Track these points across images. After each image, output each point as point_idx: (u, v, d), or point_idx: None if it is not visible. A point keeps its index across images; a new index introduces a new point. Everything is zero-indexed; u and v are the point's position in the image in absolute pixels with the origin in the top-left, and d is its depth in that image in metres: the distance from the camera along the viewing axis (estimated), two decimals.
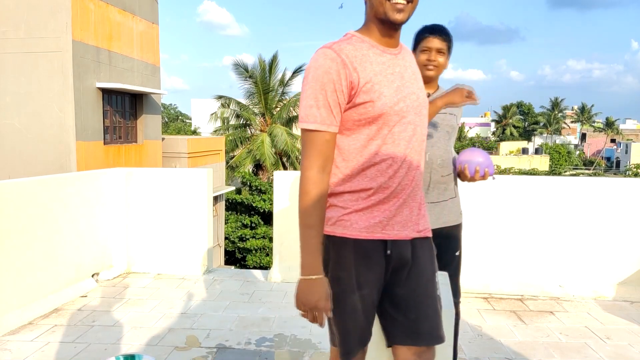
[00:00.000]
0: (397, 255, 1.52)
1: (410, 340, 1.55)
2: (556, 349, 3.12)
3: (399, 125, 1.47)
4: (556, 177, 4.40)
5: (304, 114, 1.41)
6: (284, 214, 4.44)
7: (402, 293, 1.54)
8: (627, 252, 4.09)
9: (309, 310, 1.42)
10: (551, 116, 65.40)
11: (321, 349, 3.06)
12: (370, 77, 1.41)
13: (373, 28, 1.48)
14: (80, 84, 10.49)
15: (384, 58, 1.47)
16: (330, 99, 1.38)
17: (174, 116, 57.32)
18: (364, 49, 1.44)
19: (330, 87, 1.38)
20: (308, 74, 1.41)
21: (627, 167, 45.52)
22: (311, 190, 1.41)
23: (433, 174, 2.24)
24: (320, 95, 1.38)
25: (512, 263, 4.17)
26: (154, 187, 4.69)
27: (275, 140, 20.65)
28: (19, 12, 10.12)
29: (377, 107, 1.41)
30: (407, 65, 1.53)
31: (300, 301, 1.42)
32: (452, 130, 2.33)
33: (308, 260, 1.42)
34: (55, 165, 10.23)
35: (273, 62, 22.04)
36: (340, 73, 1.38)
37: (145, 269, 4.70)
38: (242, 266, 17.33)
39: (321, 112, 1.39)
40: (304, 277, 1.41)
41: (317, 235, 1.42)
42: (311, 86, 1.39)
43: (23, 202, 3.56)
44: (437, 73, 2.26)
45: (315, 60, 1.40)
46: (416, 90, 1.53)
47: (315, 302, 1.40)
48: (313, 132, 1.41)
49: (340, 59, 1.38)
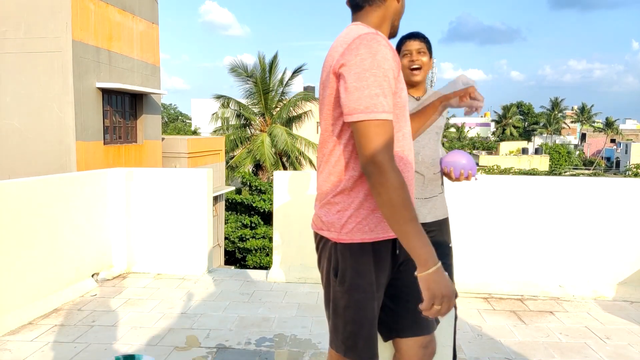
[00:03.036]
0: (402, 252, 1.51)
1: (412, 332, 1.55)
2: (556, 349, 3.12)
3: (403, 119, 1.45)
4: (556, 177, 4.40)
5: (369, 103, 1.29)
6: (283, 214, 4.44)
7: (400, 285, 1.53)
8: (627, 252, 4.09)
9: (447, 300, 1.30)
10: (551, 116, 65.40)
11: (321, 349, 3.07)
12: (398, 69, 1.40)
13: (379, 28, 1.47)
14: (80, 84, 10.49)
15: None
16: (392, 86, 1.33)
17: (174, 116, 57.30)
18: None
19: (391, 74, 1.33)
20: (363, 60, 1.30)
21: (627, 167, 45.51)
22: (400, 182, 1.29)
23: (426, 172, 2.36)
24: (384, 82, 1.31)
25: (512, 263, 4.17)
26: (154, 187, 4.69)
27: (275, 140, 20.64)
28: (19, 12, 10.13)
29: (402, 97, 1.39)
30: None
31: (439, 294, 1.29)
32: (440, 130, 2.44)
33: (425, 252, 1.30)
34: (55, 165, 10.23)
35: (273, 62, 22.04)
36: (394, 60, 1.34)
37: (145, 269, 4.70)
38: (242, 266, 17.33)
39: (388, 100, 1.31)
40: (432, 270, 1.29)
41: (419, 225, 1.32)
42: (373, 73, 1.29)
43: (23, 202, 3.56)
44: (423, 75, 2.34)
45: (368, 46, 1.31)
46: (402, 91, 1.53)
47: (452, 287, 1.32)
48: (383, 122, 1.30)
49: (391, 49, 1.34)
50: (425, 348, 1.56)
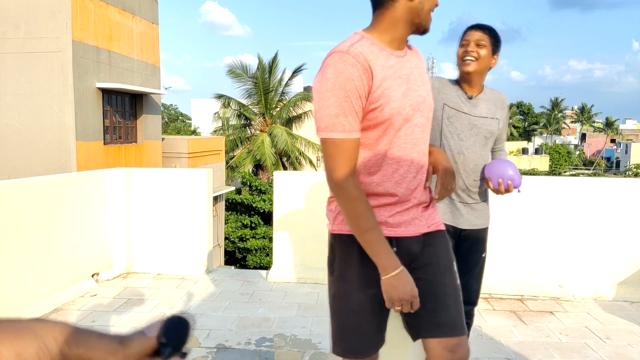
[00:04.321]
0: (405, 251, 1.51)
1: (433, 332, 1.53)
2: (556, 349, 3.12)
3: (405, 128, 1.45)
4: (556, 177, 4.40)
5: (329, 122, 1.36)
6: (283, 214, 4.44)
7: (418, 285, 1.52)
8: (627, 252, 4.09)
9: (405, 302, 1.43)
10: (551, 116, 65.38)
11: (321, 349, 3.07)
12: (381, 82, 1.39)
13: (390, 30, 1.43)
14: (80, 84, 10.49)
15: (392, 61, 1.43)
16: (355, 105, 1.36)
17: (174, 116, 57.31)
18: (375, 52, 1.40)
19: (355, 94, 1.35)
20: (327, 80, 1.35)
21: (627, 167, 45.54)
22: (355, 196, 1.40)
23: (466, 177, 2.17)
24: (345, 102, 1.35)
25: (512, 263, 4.17)
26: (154, 187, 4.69)
27: (275, 140, 20.65)
28: (19, 12, 10.13)
29: (385, 111, 1.40)
30: (413, 67, 1.49)
31: (397, 298, 1.41)
32: (491, 135, 2.21)
33: (384, 258, 1.41)
34: (55, 165, 10.23)
35: (273, 62, 22.04)
36: (362, 78, 1.35)
37: (145, 269, 4.70)
38: (242, 266, 17.34)
39: (349, 119, 1.36)
40: (391, 275, 1.41)
41: (379, 233, 1.42)
42: (334, 94, 1.34)
43: (23, 202, 3.56)
44: (477, 67, 2.08)
45: (334, 66, 1.35)
46: (422, 92, 1.50)
47: (410, 291, 1.42)
48: (341, 140, 1.38)
49: (360, 64, 1.35)
50: (451, 352, 1.51)
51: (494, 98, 2.24)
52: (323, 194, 4.35)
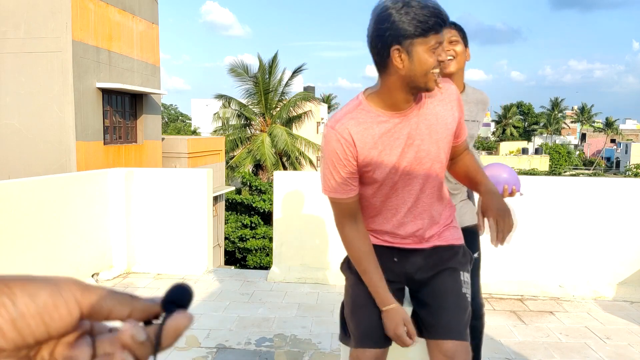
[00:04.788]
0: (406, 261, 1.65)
1: (429, 334, 1.59)
2: (556, 349, 3.12)
3: (402, 182, 1.56)
4: (556, 177, 4.40)
5: (324, 183, 1.59)
6: (283, 214, 4.44)
7: (424, 290, 1.65)
8: (627, 252, 4.09)
9: (394, 338, 1.55)
10: (551, 116, 65.39)
11: (321, 349, 3.07)
12: (369, 150, 1.51)
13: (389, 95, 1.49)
14: (80, 84, 10.49)
15: (390, 124, 1.50)
16: (342, 172, 1.54)
17: (174, 116, 57.31)
18: (368, 121, 1.50)
19: (340, 164, 1.53)
20: (322, 150, 1.58)
21: (627, 167, 45.54)
22: (353, 242, 1.59)
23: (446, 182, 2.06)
24: (334, 171, 1.54)
25: (512, 263, 4.17)
26: (154, 187, 4.69)
27: (275, 140, 20.66)
28: (19, 12, 10.12)
29: (376, 174, 1.54)
30: (419, 122, 1.52)
31: (390, 331, 1.55)
32: (471, 139, 2.14)
33: (379, 295, 1.57)
34: (55, 165, 10.23)
35: (273, 62, 22.04)
36: (346, 152, 1.52)
37: (145, 269, 4.70)
38: (242, 266, 17.34)
39: (338, 183, 1.55)
40: (384, 310, 1.57)
41: (375, 274, 1.58)
42: (326, 162, 1.56)
43: (23, 202, 3.56)
44: (458, 65, 2.02)
45: (325, 141, 1.55)
46: (428, 145, 1.53)
47: (394, 328, 1.54)
48: (331, 198, 1.59)
49: (344, 139, 1.51)
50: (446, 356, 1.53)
51: (475, 99, 2.15)
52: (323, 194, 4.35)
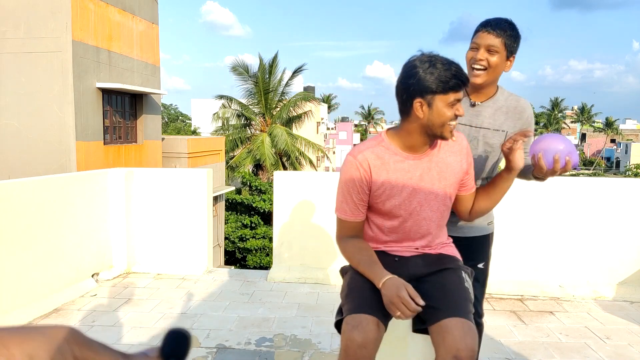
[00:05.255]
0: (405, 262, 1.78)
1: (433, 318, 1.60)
2: (556, 349, 3.11)
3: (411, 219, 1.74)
4: (556, 177, 4.39)
5: (337, 205, 1.79)
6: (283, 214, 4.44)
7: (427, 284, 1.73)
8: (627, 252, 4.09)
9: (397, 304, 1.57)
10: (551, 116, 65.37)
11: (321, 349, 3.06)
12: (382, 182, 1.70)
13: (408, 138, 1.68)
14: (80, 84, 10.49)
15: (405, 165, 1.70)
16: (355, 199, 1.74)
17: (174, 116, 57.28)
18: (386, 157, 1.70)
19: (355, 190, 1.73)
20: (341, 175, 1.76)
21: (627, 167, 45.50)
22: (347, 248, 1.80)
23: None
24: (347, 196, 1.75)
25: (512, 263, 4.17)
26: (154, 187, 4.69)
27: (275, 140, 20.66)
28: (19, 12, 10.12)
29: (386, 204, 1.72)
30: (432, 167, 1.72)
31: (387, 302, 1.59)
32: (492, 149, 1.97)
33: (373, 275, 1.68)
34: (55, 165, 10.23)
35: (273, 62, 22.04)
36: (362, 180, 1.71)
37: (145, 269, 4.70)
38: (242, 266, 17.34)
39: (350, 207, 1.76)
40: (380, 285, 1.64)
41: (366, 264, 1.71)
42: (342, 187, 1.76)
43: (23, 202, 3.56)
44: (486, 78, 1.85)
45: (345, 167, 1.74)
46: (437, 188, 1.73)
47: (396, 293, 1.58)
48: (339, 219, 1.80)
49: (363, 169, 1.70)
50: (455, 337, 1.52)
51: (507, 106, 1.95)
52: (323, 194, 4.35)
